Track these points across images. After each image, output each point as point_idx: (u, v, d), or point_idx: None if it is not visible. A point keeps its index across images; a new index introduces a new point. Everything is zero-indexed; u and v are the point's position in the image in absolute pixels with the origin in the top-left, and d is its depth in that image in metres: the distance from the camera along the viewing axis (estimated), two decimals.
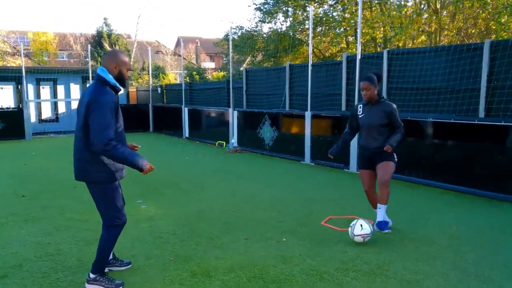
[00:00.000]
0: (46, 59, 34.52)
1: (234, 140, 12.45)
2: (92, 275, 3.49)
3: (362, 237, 4.45)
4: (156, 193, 6.92)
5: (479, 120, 6.66)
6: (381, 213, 4.93)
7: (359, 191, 6.64)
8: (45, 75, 17.69)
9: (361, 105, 4.98)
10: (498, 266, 3.91)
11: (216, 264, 3.98)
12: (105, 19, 39.48)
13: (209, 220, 5.37)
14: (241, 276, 3.73)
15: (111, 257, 3.81)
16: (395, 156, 4.86)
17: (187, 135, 15.50)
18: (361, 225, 4.48)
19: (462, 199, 6.39)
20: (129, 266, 3.92)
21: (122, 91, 15.34)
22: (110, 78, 3.38)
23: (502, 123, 6.23)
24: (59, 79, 17.85)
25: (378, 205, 4.92)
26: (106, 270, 3.71)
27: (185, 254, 4.22)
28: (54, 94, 17.87)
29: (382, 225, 4.90)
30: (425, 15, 13.92)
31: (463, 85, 7.81)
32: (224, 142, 12.91)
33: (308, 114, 9.66)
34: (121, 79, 3.48)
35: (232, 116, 12.49)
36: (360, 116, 4.95)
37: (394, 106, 4.79)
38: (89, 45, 19.69)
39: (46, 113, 17.91)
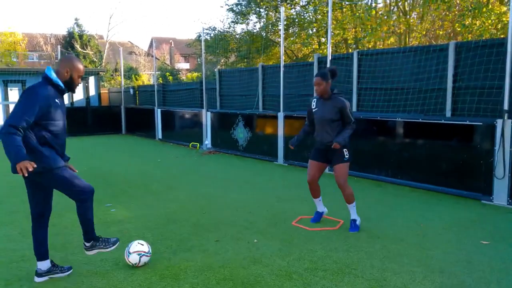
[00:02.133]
0: (14, 60, 33.62)
1: (207, 141, 12.41)
2: (87, 244, 3.73)
3: (138, 254, 3.94)
4: (125, 195, 6.82)
5: (446, 120, 6.83)
6: (352, 211, 5.02)
7: (330, 191, 6.72)
8: (13, 76, 17.20)
9: (315, 100, 5.08)
10: (462, 262, 4.02)
11: (186, 267, 3.96)
12: (76, 19, 38.72)
13: (179, 222, 5.33)
14: (210, 279, 3.72)
15: (50, 265, 3.77)
16: (345, 154, 4.90)
17: (160, 136, 15.35)
18: (139, 243, 4.03)
19: (429, 196, 6.54)
20: (70, 271, 3.84)
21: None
22: (53, 76, 3.51)
23: (467, 122, 6.41)
24: (28, 80, 17.37)
25: (348, 205, 5.00)
26: (61, 275, 3.77)
27: (154, 258, 4.17)
28: None
29: (351, 226, 4.99)
30: (394, 17, 14.19)
31: (430, 85, 8.00)
32: (198, 144, 12.85)
33: (280, 115, 9.71)
34: (71, 84, 3.64)
35: (206, 117, 12.44)
36: (313, 110, 5.05)
37: (346, 102, 4.88)
38: (59, 46, 19.25)
39: None
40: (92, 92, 19.03)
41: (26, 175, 3.17)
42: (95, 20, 57.87)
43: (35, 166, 3.21)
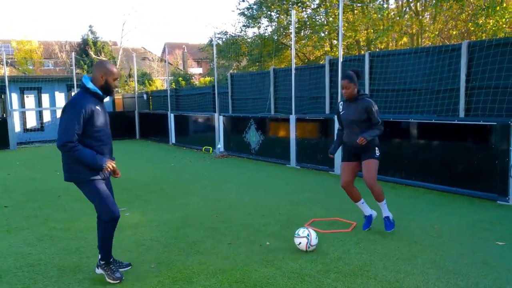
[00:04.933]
0: (31, 67, 34.21)
1: (220, 145, 12.46)
2: (101, 261, 3.82)
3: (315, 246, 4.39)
4: (140, 200, 6.89)
5: (459, 120, 6.76)
6: (383, 208, 4.95)
7: (343, 193, 6.69)
8: (29, 84, 17.51)
9: (342, 102, 5.05)
10: (477, 264, 3.97)
11: (198, 270, 3.99)
12: (90, 26, 39.19)
13: (193, 226, 5.37)
14: (223, 281, 3.74)
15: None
16: (376, 152, 4.84)
17: (173, 141, 15.46)
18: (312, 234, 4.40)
19: (444, 198, 6.47)
20: (129, 268, 4.05)
21: (107, 99, 15.23)
22: (90, 85, 3.66)
23: (481, 122, 6.34)
24: (43, 87, 17.68)
25: (378, 204, 4.94)
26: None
27: (167, 261, 4.21)
28: (39, 103, 17.70)
29: (386, 224, 4.94)
30: (407, 17, 14.09)
31: (443, 85, 7.93)
32: (211, 148, 12.91)
33: (292, 118, 9.72)
34: (107, 88, 3.74)
35: (218, 121, 12.50)
36: (341, 113, 5.00)
37: (372, 101, 4.82)
38: (73, 53, 19.53)
39: (31, 122, 17.72)
40: (106, 98, 19.23)
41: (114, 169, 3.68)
42: (109, 26, 58.63)
43: (115, 166, 3.66)
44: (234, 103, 14.04)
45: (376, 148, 4.85)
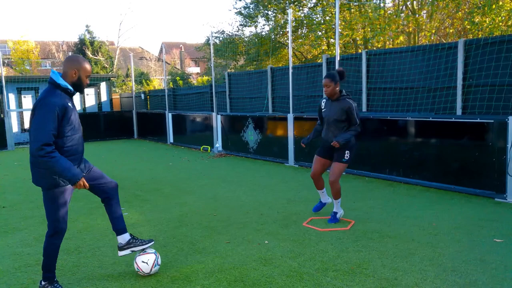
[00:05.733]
0: (28, 68, 34.14)
1: (218, 144, 12.46)
2: (43, 282, 3.55)
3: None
4: (138, 199, 6.89)
5: (456, 118, 6.78)
6: (336, 205, 5.30)
7: (341, 192, 6.71)
8: (26, 84, 17.47)
9: (325, 100, 5.24)
10: (474, 261, 3.98)
11: (197, 269, 3.99)
12: (87, 26, 39.13)
13: (191, 225, 5.37)
14: (221, 280, 3.74)
15: (129, 237, 3.84)
16: (346, 155, 5.07)
17: (171, 140, 15.46)
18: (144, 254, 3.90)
19: (441, 195, 6.49)
20: (152, 243, 3.92)
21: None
22: (61, 80, 3.37)
23: (478, 120, 6.36)
24: (41, 87, 17.64)
25: (333, 200, 5.28)
26: (142, 247, 3.84)
27: (165, 260, 4.22)
28: None
29: (332, 217, 5.29)
30: (403, 16, 14.12)
31: (440, 83, 7.95)
32: (209, 147, 12.91)
33: (290, 117, 9.73)
34: (79, 85, 3.48)
35: (216, 120, 12.50)
36: (322, 110, 5.22)
37: (353, 103, 5.01)
38: (70, 53, 19.51)
39: (29, 122, 17.68)
40: (104, 97, 19.25)
41: (84, 187, 3.38)
42: (106, 26, 58.50)
43: (87, 185, 3.39)
44: (232, 102, 14.04)
45: (347, 152, 5.07)
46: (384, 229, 4.98)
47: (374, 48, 14.44)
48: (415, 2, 14.28)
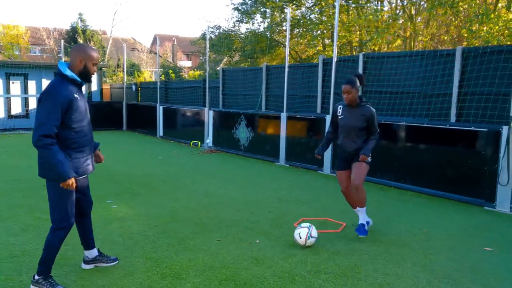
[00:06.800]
0: (17, 53, 33.56)
1: (209, 140, 12.37)
2: (36, 277, 3.41)
3: (315, 239, 4.47)
4: (128, 193, 6.79)
5: (451, 125, 6.79)
6: (361, 215, 4.96)
7: (332, 193, 6.72)
8: (16, 69, 17.15)
9: (341, 106, 4.93)
10: (465, 268, 3.98)
11: (187, 266, 3.93)
12: (80, 14, 38.65)
13: (182, 221, 5.30)
14: (212, 278, 3.68)
15: (97, 253, 3.85)
16: (369, 158, 4.85)
17: (161, 134, 15.32)
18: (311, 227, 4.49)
19: (433, 202, 6.50)
20: (116, 262, 3.92)
21: (96, 87, 14.89)
22: (68, 71, 3.33)
23: (472, 128, 6.38)
24: (30, 74, 17.33)
25: (358, 209, 4.96)
26: (107, 265, 3.85)
27: (155, 256, 4.14)
28: (25, 89, 17.36)
29: (360, 229, 4.92)
30: (401, 21, 14.15)
31: (436, 90, 7.96)
32: (199, 142, 12.81)
33: (283, 116, 9.68)
34: (86, 74, 3.44)
35: (208, 116, 12.41)
36: (339, 117, 4.91)
37: (374, 110, 4.76)
38: (62, 41, 19.20)
39: (16, 109, 17.36)
40: (94, 87, 18.99)
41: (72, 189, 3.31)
42: (99, 15, 57.84)
43: (73, 186, 3.30)
44: (225, 98, 13.95)
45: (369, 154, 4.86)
46: (375, 233, 4.96)
47: (370, 51, 14.45)
48: (412, 8, 14.32)
